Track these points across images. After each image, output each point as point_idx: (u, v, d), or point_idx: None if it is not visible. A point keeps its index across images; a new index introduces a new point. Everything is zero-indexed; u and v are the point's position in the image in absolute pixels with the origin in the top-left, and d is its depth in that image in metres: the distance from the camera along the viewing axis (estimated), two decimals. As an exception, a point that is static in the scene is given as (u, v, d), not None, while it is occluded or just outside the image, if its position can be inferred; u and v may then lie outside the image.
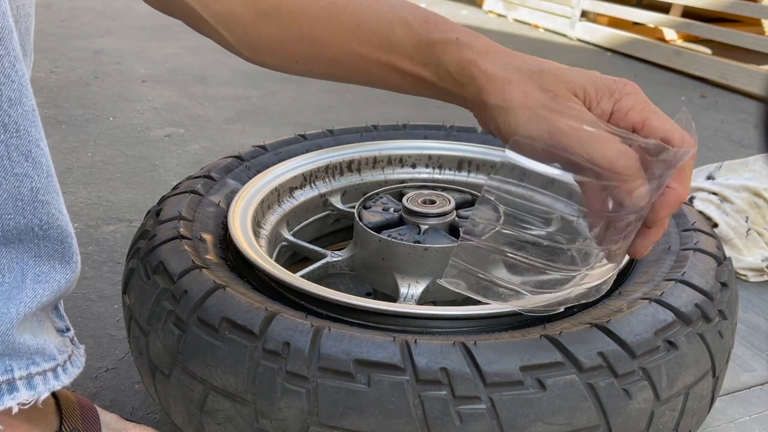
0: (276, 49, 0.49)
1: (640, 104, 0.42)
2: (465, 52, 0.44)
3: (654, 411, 0.44)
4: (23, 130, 0.38)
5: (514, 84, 0.43)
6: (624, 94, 0.42)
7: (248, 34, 0.48)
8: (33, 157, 0.39)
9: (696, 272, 0.52)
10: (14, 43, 0.36)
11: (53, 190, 0.41)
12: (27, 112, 0.38)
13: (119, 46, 2.12)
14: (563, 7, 2.72)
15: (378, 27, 0.46)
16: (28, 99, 0.38)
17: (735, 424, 0.64)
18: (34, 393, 0.44)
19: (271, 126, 1.49)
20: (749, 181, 1.00)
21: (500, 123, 0.44)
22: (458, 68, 0.44)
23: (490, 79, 0.43)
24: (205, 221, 0.61)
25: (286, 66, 0.50)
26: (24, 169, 0.39)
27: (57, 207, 0.42)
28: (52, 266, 0.43)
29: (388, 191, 0.72)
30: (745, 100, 1.91)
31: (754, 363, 0.74)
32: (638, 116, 0.42)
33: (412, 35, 0.46)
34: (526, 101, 0.42)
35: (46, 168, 0.40)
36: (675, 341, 0.45)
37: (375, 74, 0.49)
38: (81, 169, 1.19)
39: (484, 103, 0.44)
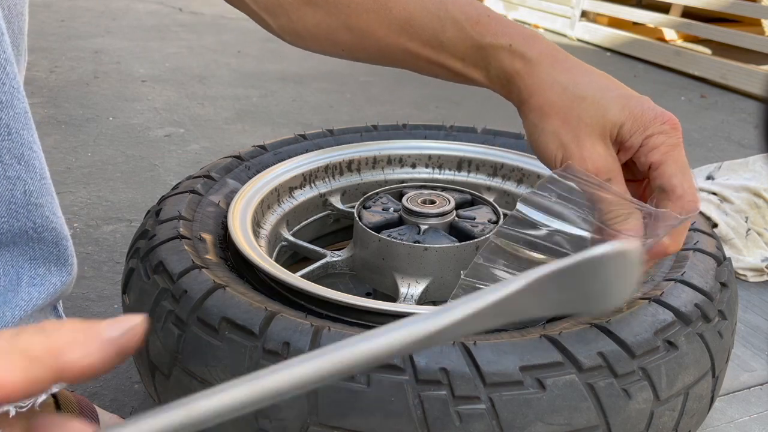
0: (321, 37, 0.49)
1: (666, 147, 0.42)
2: (515, 61, 0.45)
3: (654, 411, 0.44)
4: (15, 133, 0.38)
5: (553, 109, 0.44)
6: (658, 132, 0.42)
7: (293, 21, 0.48)
8: (26, 160, 0.39)
9: (696, 272, 0.52)
10: (5, 45, 0.36)
11: (47, 193, 0.41)
12: (19, 115, 0.38)
13: (119, 46, 2.12)
14: (563, 7, 2.72)
15: (428, 24, 0.46)
16: (20, 101, 0.38)
17: (735, 424, 0.64)
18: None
19: (271, 126, 1.49)
20: (749, 182, 1.00)
21: (531, 137, 0.46)
22: (507, 77, 0.45)
23: (532, 94, 0.44)
24: (205, 221, 0.61)
25: (331, 52, 0.51)
26: (16, 172, 0.38)
27: (51, 209, 0.41)
28: (47, 269, 0.43)
29: (387, 191, 0.72)
30: (745, 100, 1.91)
31: (753, 363, 0.74)
32: (659, 157, 0.42)
33: (464, 37, 0.46)
34: (557, 130, 0.44)
35: (40, 170, 0.40)
36: (675, 341, 0.45)
37: (424, 69, 0.49)
38: (81, 168, 1.19)
39: (524, 114, 0.46)
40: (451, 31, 0.46)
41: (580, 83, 0.44)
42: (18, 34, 0.40)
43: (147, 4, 2.82)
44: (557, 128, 0.43)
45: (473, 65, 0.46)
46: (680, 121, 0.44)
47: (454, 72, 0.47)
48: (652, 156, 0.42)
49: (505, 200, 0.81)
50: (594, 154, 0.43)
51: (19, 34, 0.40)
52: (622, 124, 0.43)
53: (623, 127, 0.43)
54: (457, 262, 0.62)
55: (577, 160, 0.43)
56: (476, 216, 0.67)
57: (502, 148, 0.82)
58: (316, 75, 1.92)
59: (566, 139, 0.43)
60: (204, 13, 2.72)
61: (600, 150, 0.43)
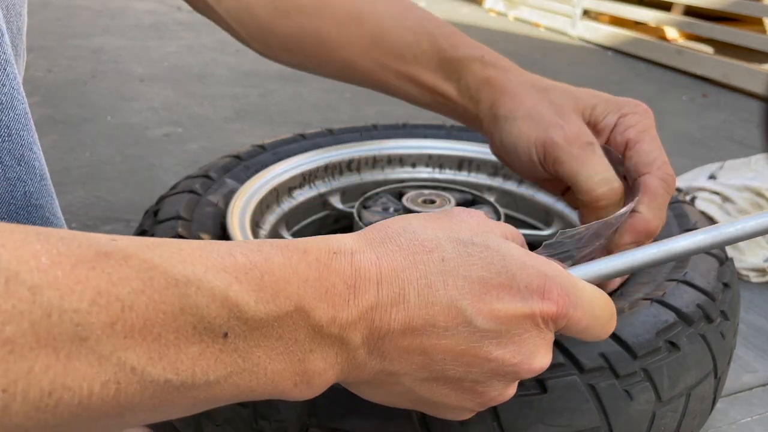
0: (290, 48, 0.49)
1: (641, 125, 0.42)
2: (488, 69, 0.45)
3: (655, 412, 0.43)
4: (15, 134, 0.37)
5: (525, 97, 0.44)
6: (631, 111, 0.42)
7: (263, 31, 0.48)
8: (26, 161, 0.38)
9: (698, 273, 0.52)
10: (5, 45, 0.36)
11: (47, 194, 0.41)
12: (19, 116, 0.37)
13: (117, 45, 2.12)
14: (564, 5, 2.72)
15: (402, 38, 0.46)
16: (20, 102, 0.37)
17: (737, 425, 0.64)
18: None
19: (270, 125, 1.49)
20: (751, 181, 0.99)
21: (504, 134, 0.44)
22: (478, 84, 0.45)
23: (504, 93, 0.44)
24: (204, 221, 0.61)
25: (298, 64, 0.50)
26: (16, 173, 0.38)
27: (51, 211, 0.41)
28: None
29: (387, 191, 0.72)
30: (746, 99, 1.90)
31: (756, 364, 0.74)
32: (634, 134, 0.42)
33: (438, 50, 0.46)
34: (531, 113, 0.43)
35: (40, 172, 0.40)
36: (677, 342, 0.45)
37: (390, 83, 0.49)
38: (79, 168, 1.19)
39: (494, 117, 0.45)
40: (426, 44, 0.46)
41: (547, 81, 0.45)
42: (17, 34, 0.40)
43: (145, 3, 2.82)
44: (529, 111, 0.43)
45: (444, 77, 0.46)
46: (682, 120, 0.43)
47: (423, 86, 0.47)
48: (629, 133, 0.42)
49: (506, 200, 0.80)
50: (572, 120, 0.42)
51: (18, 34, 0.40)
52: (595, 105, 0.43)
53: (596, 108, 0.43)
54: (458, 262, 0.61)
55: (555, 128, 0.42)
56: (476, 216, 0.67)
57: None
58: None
59: (540, 117, 0.43)
60: (203, 12, 2.71)
61: (576, 119, 0.42)
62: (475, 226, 0.30)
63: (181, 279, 0.22)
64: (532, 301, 0.29)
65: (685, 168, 1.15)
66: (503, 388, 0.31)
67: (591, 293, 0.31)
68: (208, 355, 0.23)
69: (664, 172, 0.40)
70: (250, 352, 0.24)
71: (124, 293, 0.21)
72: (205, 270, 0.23)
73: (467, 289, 0.28)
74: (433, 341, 0.28)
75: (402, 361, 0.28)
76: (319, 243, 0.28)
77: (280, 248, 0.26)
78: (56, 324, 0.19)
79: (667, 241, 0.33)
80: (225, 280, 0.23)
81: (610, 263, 0.34)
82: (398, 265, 0.28)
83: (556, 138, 0.41)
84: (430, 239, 0.29)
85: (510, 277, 0.28)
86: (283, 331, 0.25)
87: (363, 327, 0.27)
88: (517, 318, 0.28)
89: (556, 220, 0.76)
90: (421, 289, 0.28)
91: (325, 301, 0.26)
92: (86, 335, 0.20)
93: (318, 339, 0.26)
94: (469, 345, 0.28)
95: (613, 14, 2.52)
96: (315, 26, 0.47)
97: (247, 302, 0.24)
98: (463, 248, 0.29)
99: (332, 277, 0.26)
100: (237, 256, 0.25)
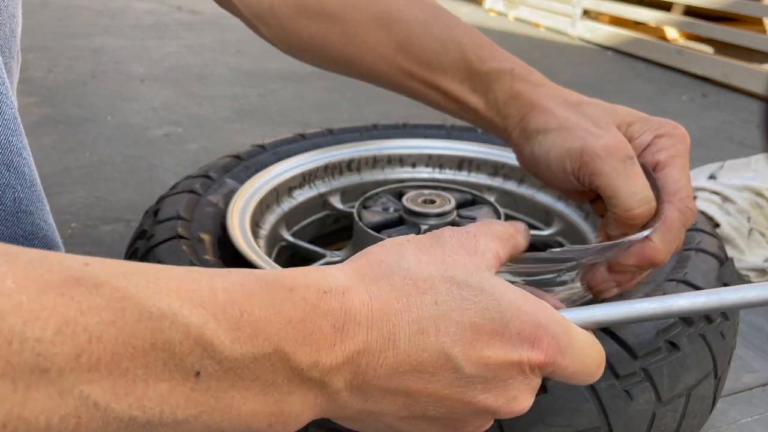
0: (314, 50, 0.48)
1: (674, 150, 0.40)
2: (517, 83, 0.44)
3: (655, 412, 0.43)
4: (4, 139, 0.37)
5: (557, 110, 0.42)
6: (668, 134, 0.41)
7: (287, 32, 0.47)
8: (15, 167, 0.38)
9: (698, 273, 0.52)
10: None
11: (37, 200, 0.40)
12: (7, 122, 0.37)
13: (117, 45, 2.12)
14: (564, 5, 2.72)
15: (430, 46, 0.45)
16: (8, 107, 0.37)
17: (737, 425, 0.64)
18: None
19: (270, 125, 1.49)
20: (751, 181, 0.99)
21: (536, 146, 0.43)
22: (507, 98, 0.44)
23: (534, 107, 0.43)
24: (204, 221, 0.61)
25: (322, 65, 0.49)
26: (6, 179, 0.38)
27: (41, 217, 0.41)
28: None
29: (387, 191, 0.72)
30: (746, 99, 1.90)
31: (756, 364, 0.73)
32: (665, 158, 0.40)
33: (466, 60, 0.45)
34: (566, 124, 0.41)
35: (30, 178, 0.39)
36: (676, 342, 0.45)
37: (416, 90, 0.48)
38: (79, 168, 1.19)
39: (524, 131, 0.43)
40: (454, 54, 0.45)
41: (580, 97, 0.44)
42: (10, 37, 0.39)
43: (145, 3, 2.82)
44: (564, 123, 0.41)
45: (472, 89, 0.45)
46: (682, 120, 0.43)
47: (449, 95, 0.46)
48: (660, 155, 0.40)
49: (506, 200, 0.80)
50: (612, 131, 0.40)
51: (11, 37, 0.40)
52: (632, 122, 0.42)
53: (633, 125, 0.42)
54: (458, 263, 0.61)
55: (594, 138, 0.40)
56: (477, 216, 0.67)
57: (503, 147, 0.82)
58: (315, 74, 1.91)
59: (577, 128, 0.41)
60: (203, 12, 2.71)
61: (616, 132, 0.41)
62: (469, 263, 0.29)
63: (155, 312, 0.21)
64: (521, 348, 0.28)
65: (685, 168, 1.15)
66: (481, 424, 0.31)
67: (582, 341, 0.31)
68: (177, 394, 0.22)
69: (684, 204, 0.39)
70: (223, 392, 0.23)
71: (93, 323, 0.20)
72: (181, 304, 0.22)
73: (459, 335, 0.27)
74: (419, 385, 0.27)
75: (385, 402, 0.28)
76: (309, 280, 0.27)
77: (265, 284, 0.25)
78: (16, 352, 0.18)
79: (667, 298, 0.34)
80: (201, 317, 0.22)
81: (608, 311, 0.34)
82: (390, 308, 0.27)
83: (595, 148, 0.39)
84: (423, 279, 0.28)
85: (503, 324, 0.28)
86: (260, 372, 0.24)
87: (347, 371, 0.26)
88: (505, 365, 0.28)
89: (557, 220, 0.76)
90: (412, 335, 0.27)
91: (308, 344, 0.25)
92: (48, 366, 0.19)
93: (297, 381, 0.25)
94: (453, 390, 0.28)
95: (613, 14, 2.52)
96: (340, 30, 0.46)
97: (223, 341, 0.23)
98: (457, 290, 0.28)
99: (319, 319, 0.25)
100: (217, 291, 0.23)
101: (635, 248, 0.39)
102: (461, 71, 0.45)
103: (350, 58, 0.47)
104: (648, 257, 0.39)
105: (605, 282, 0.41)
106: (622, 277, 0.41)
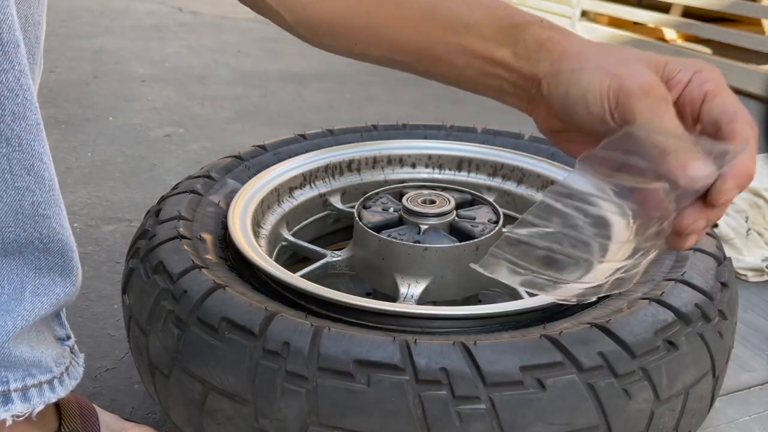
0: (336, 30, 0.48)
1: (718, 80, 0.41)
2: (547, 31, 0.44)
3: (654, 411, 0.44)
4: (26, 144, 0.38)
5: (592, 51, 0.42)
6: (707, 70, 0.41)
7: (309, 14, 0.47)
8: (35, 171, 0.39)
9: (696, 272, 0.52)
10: (20, 56, 0.36)
11: (55, 204, 0.41)
12: (31, 127, 0.38)
13: (119, 46, 2.12)
14: (563, 6, 2.72)
15: (454, 9, 0.46)
16: (32, 113, 0.38)
17: (735, 424, 0.64)
18: (28, 405, 0.44)
19: (271, 126, 1.49)
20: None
21: (572, 86, 0.42)
22: (537, 45, 0.44)
23: (566, 52, 0.43)
24: (205, 221, 0.61)
25: (343, 47, 0.50)
26: (26, 183, 0.38)
27: (58, 221, 0.41)
28: (52, 279, 0.43)
29: (387, 191, 0.72)
30: (745, 100, 1.90)
31: (754, 363, 0.74)
32: (713, 87, 0.40)
33: (493, 18, 0.46)
34: (602, 63, 0.41)
35: (49, 182, 0.40)
36: (675, 341, 0.45)
37: (438, 58, 0.48)
38: (80, 168, 1.19)
39: (558, 72, 0.43)
40: (480, 14, 0.46)
41: (611, 45, 0.44)
42: (34, 43, 0.40)
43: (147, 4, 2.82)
44: (600, 62, 0.41)
45: (499, 43, 0.45)
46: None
47: (473, 54, 0.46)
48: (707, 86, 0.40)
49: (505, 200, 0.81)
50: (645, 73, 0.40)
51: (36, 43, 0.40)
52: (667, 62, 0.42)
53: (669, 64, 0.42)
54: (457, 262, 0.62)
55: (631, 78, 0.40)
56: (476, 216, 0.67)
57: (502, 148, 0.82)
58: (315, 75, 1.92)
59: (613, 67, 0.41)
60: (204, 13, 2.72)
61: (651, 73, 0.41)
62: None
63: None
64: None
65: (684, 168, 1.15)
66: None
67: None
68: None
69: (749, 120, 0.39)
70: None
71: None
72: None
73: None
74: None
75: None
76: None
77: None
78: None
79: None
80: None
81: None
82: None
83: (632, 87, 0.39)
84: None
85: None
86: None
87: None
88: None
89: (556, 220, 0.76)
90: None
91: None
92: None
93: None
94: None
95: (612, 15, 2.52)
96: (363, 4, 0.47)
97: None
98: None
99: None
100: None
101: (729, 171, 0.38)
102: (488, 28, 0.46)
103: (373, 35, 0.48)
104: (746, 174, 0.38)
105: (696, 222, 0.39)
106: (718, 211, 0.40)
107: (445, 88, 0.53)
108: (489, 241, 0.63)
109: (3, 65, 0.35)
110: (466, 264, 0.62)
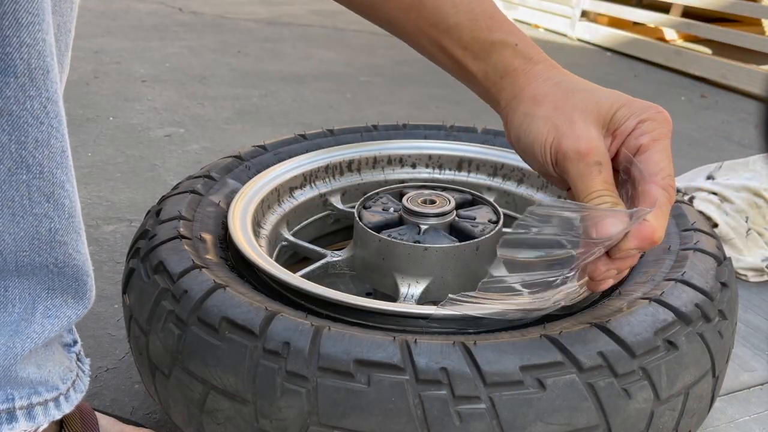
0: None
1: (657, 133, 0.42)
2: (517, 59, 0.46)
3: (654, 411, 0.44)
4: (47, 171, 0.37)
5: (548, 98, 0.44)
6: (652, 118, 0.43)
7: None
8: (55, 199, 0.38)
9: (696, 272, 0.52)
10: (48, 83, 0.35)
11: (74, 231, 0.40)
12: (54, 154, 0.37)
13: (119, 46, 2.12)
14: (563, 6, 2.72)
15: (441, 7, 0.47)
16: (57, 140, 0.37)
17: (735, 424, 0.64)
18: (33, 423, 0.43)
19: (271, 126, 1.49)
20: (749, 181, 1.00)
21: (522, 132, 0.45)
22: (503, 72, 0.46)
23: (526, 89, 0.45)
24: (205, 221, 0.61)
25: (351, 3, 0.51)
26: (44, 209, 0.38)
27: (75, 247, 0.41)
28: (64, 300, 0.42)
29: (388, 191, 0.72)
30: (745, 99, 1.91)
31: (754, 363, 0.74)
32: (647, 141, 0.42)
33: (473, 27, 0.46)
34: (551, 116, 0.43)
35: (69, 209, 0.39)
36: (675, 341, 0.45)
37: (424, 47, 0.49)
38: (81, 168, 1.19)
39: (513, 111, 0.45)
40: (462, 18, 0.46)
41: (573, 80, 0.45)
42: (64, 51, 0.40)
43: (147, 4, 2.82)
44: (549, 113, 0.43)
45: (473, 56, 0.47)
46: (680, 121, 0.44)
47: (451, 58, 0.48)
48: (643, 139, 0.42)
49: (506, 200, 0.81)
50: (588, 134, 0.42)
51: (65, 51, 0.40)
52: (616, 110, 0.43)
53: (617, 113, 0.43)
54: (457, 262, 0.62)
55: (570, 140, 0.42)
56: (476, 216, 0.67)
57: (502, 148, 0.82)
58: (316, 75, 1.92)
59: (559, 122, 0.43)
60: (204, 13, 2.72)
61: (593, 132, 0.43)
62: None
63: None
64: None
65: (683, 168, 1.15)
66: None
67: None
68: None
69: (667, 183, 0.41)
70: None
71: None
72: None
73: None
74: None
75: None
76: None
77: None
78: None
79: None
80: None
81: None
82: None
83: (568, 151, 0.42)
84: None
85: None
86: None
87: None
88: None
89: (556, 220, 0.76)
90: None
91: None
92: None
93: None
94: None
95: (612, 15, 2.52)
96: None
97: None
98: None
99: None
100: None
101: (633, 231, 0.40)
102: (466, 36, 0.47)
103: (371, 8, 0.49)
104: (648, 237, 0.40)
105: (608, 270, 0.42)
106: (622, 263, 0.42)
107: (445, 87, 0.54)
108: (489, 241, 0.63)
109: (29, 92, 0.34)
110: (466, 264, 0.62)
